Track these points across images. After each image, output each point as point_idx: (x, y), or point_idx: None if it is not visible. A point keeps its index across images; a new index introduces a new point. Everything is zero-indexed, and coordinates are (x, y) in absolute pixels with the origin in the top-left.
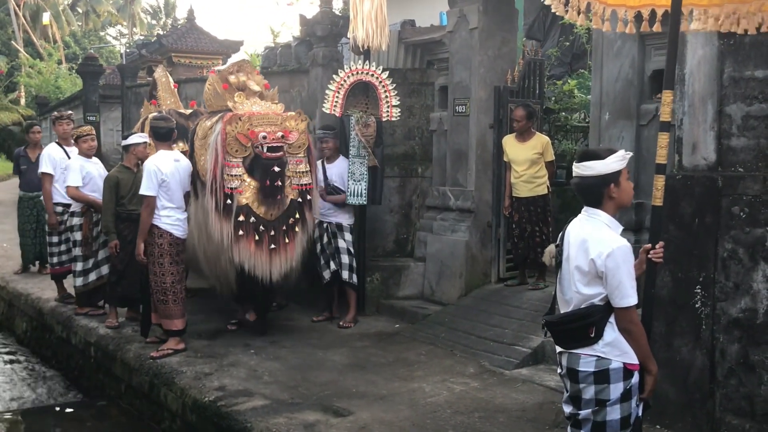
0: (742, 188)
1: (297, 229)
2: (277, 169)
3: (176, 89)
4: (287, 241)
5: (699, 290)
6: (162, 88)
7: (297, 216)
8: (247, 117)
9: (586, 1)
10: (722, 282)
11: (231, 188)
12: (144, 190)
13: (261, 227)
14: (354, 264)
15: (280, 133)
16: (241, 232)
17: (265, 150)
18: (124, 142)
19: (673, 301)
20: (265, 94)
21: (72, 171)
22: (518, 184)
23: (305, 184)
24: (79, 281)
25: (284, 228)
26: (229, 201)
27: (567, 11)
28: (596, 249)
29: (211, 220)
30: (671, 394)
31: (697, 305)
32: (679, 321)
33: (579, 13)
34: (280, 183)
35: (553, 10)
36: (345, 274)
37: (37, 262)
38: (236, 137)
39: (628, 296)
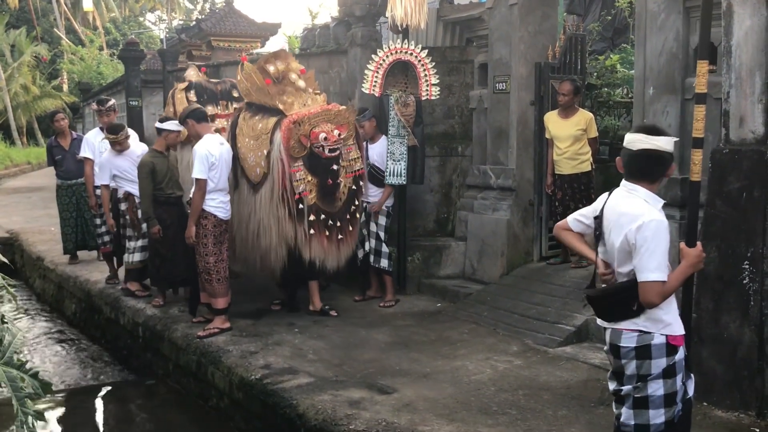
0: None
1: (357, 215)
2: (335, 167)
3: (204, 72)
4: (351, 228)
5: (747, 266)
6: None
7: (356, 203)
8: (306, 118)
9: None
10: None
11: (299, 193)
12: (197, 173)
13: (330, 222)
14: (384, 249)
15: (337, 132)
16: (312, 231)
17: (326, 152)
18: (158, 125)
19: (720, 277)
20: (304, 78)
21: (102, 169)
22: (561, 161)
23: (358, 170)
24: (128, 258)
25: (348, 217)
26: (300, 206)
27: None
28: (631, 223)
29: (284, 226)
30: (718, 370)
31: (744, 281)
32: (726, 297)
33: None
34: (339, 180)
35: None
36: (372, 259)
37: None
38: (299, 140)
39: (647, 270)
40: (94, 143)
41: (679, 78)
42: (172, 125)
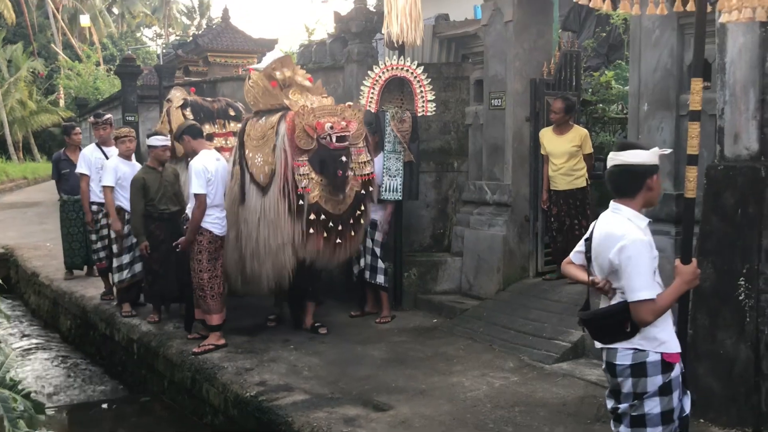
0: None
1: (362, 221)
2: (344, 159)
3: (193, 92)
4: (353, 233)
5: (743, 282)
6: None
7: (362, 208)
8: (311, 109)
9: None
10: (766, 273)
11: (302, 188)
12: (196, 188)
13: (330, 224)
14: (380, 265)
15: (343, 123)
16: (311, 231)
17: (333, 140)
18: (147, 141)
19: (716, 293)
20: (312, 87)
21: (107, 171)
22: (556, 177)
23: (368, 174)
24: (116, 277)
25: (351, 221)
26: (301, 201)
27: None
28: (613, 245)
29: (283, 222)
30: (715, 387)
31: (740, 297)
32: (722, 313)
33: (604, 0)
34: (349, 173)
35: (576, 1)
36: (367, 274)
37: (85, 267)
38: (304, 129)
39: (635, 290)
40: (90, 159)
41: (674, 94)
42: (157, 140)
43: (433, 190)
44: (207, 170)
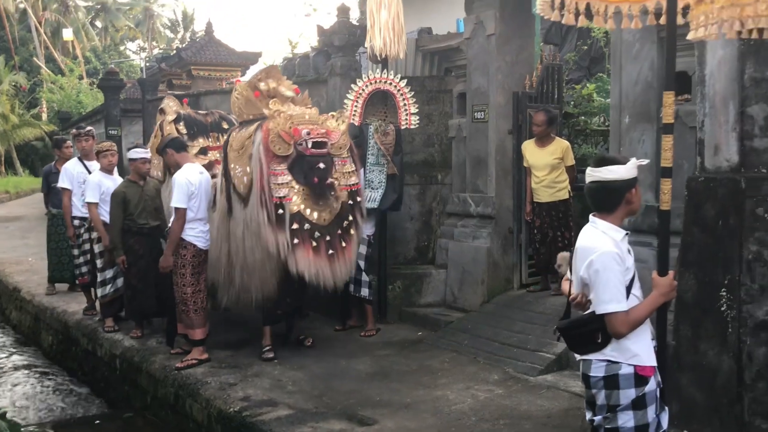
0: (766, 189)
1: (352, 231)
2: (322, 165)
3: (186, 104)
4: (344, 245)
5: (724, 293)
6: (170, 111)
7: (350, 218)
8: (289, 115)
9: (585, 2)
10: (748, 284)
11: (279, 197)
12: (175, 202)
13: (316, 233)
14: (364, 278)
15: (323, 131)
16: (296, 241)
17: (309, 145)
18: (127, 155)
19: (698, 304)
20: (297, 99)
21: (90, 188)
22: (539, 189)
23: (353, 184)
24: (99, 292)
25: (340, 232)
26: (281, 211)
27: (563, 15)
28: (585, 258)
29: (264, 232)
30: (698, 398)
31: (722, 308)
32: (704, 324)
33: (577, 15)
34: (329, 181)
35: (544, 16)
36: (351, 288)
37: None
38: (279, 134)
39: (603, 302)
40: (72, 173)
41: (655, 107)
42: (136, 153)
43: (417, 203)
44: (190, 183)
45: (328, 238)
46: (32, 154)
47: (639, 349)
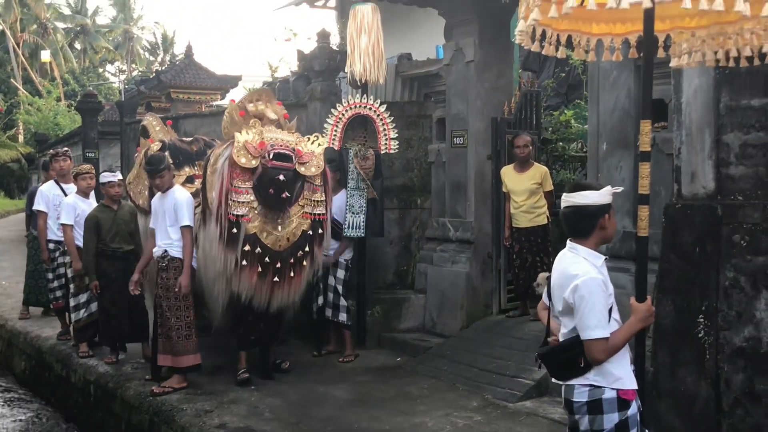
0: (742, 216)
1: (305, 263)
2: (282, 178)
3: (170, 125)
4: (293, 274)
5: (702, 319)
6: (153, 131)
7: (306, 249)
8: (259, 130)
9: (566, 34)
10: (725, 311)
11: (237, 215)
12: (188, 221)
13: (266, 258)
14: (342, 303)
15: (291, 146)
16: (244, 262)
17: (271, 156)
18: (100, 179)
19: (676, 330)
20: (282, 123)
21: (65, 209)
22: (518, 215)
23: (319, 214)
24: (73, 317)
25: (292, 261)
26: (235, 230)
27: (543, 47)
28: (569, 283)
29: (215, 248)
30: (677, 425)
31: (700, 335)
32: (682, 351)
33: (558, 47)
34: (286, 195)
35: (524, 46)
36: (329, 312)
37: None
38: (245, 145)
39: (588, 328)
40: (48, 195)
41: (632, 134)
42: (105, 176)
43: (396, 227)
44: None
45: (278, 264)
46: (8, 176)
47: (621, 373)
